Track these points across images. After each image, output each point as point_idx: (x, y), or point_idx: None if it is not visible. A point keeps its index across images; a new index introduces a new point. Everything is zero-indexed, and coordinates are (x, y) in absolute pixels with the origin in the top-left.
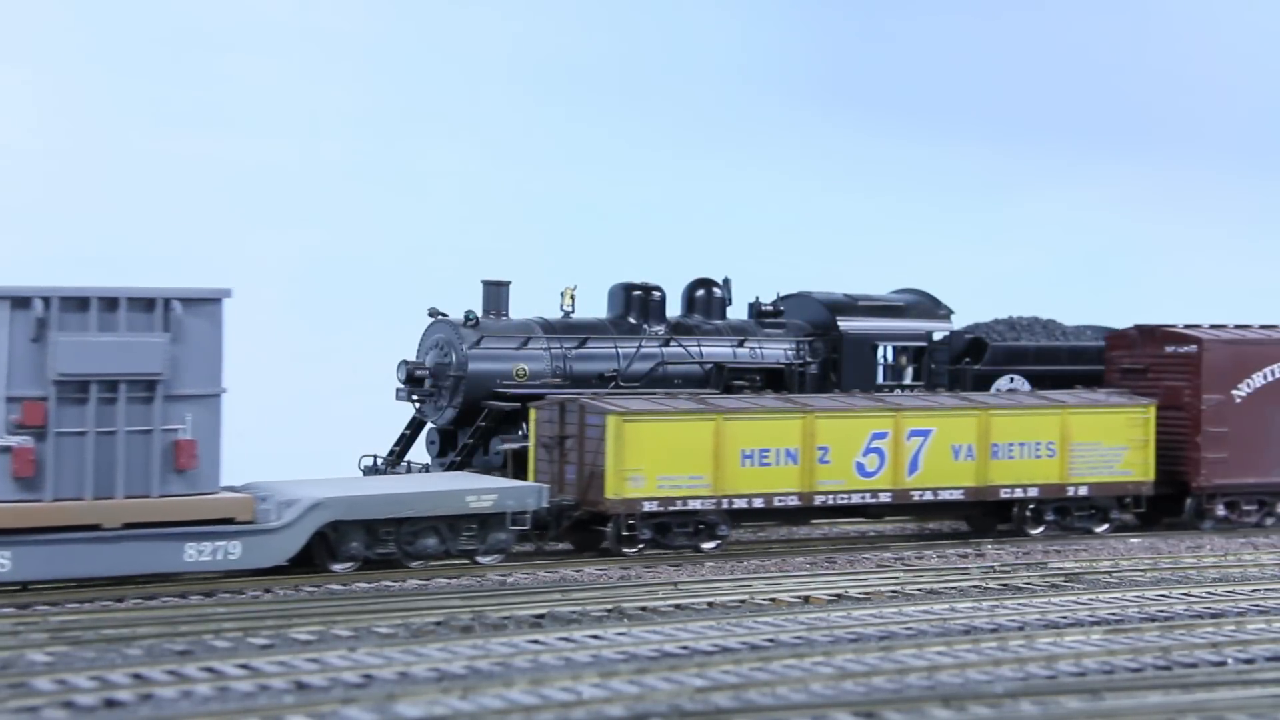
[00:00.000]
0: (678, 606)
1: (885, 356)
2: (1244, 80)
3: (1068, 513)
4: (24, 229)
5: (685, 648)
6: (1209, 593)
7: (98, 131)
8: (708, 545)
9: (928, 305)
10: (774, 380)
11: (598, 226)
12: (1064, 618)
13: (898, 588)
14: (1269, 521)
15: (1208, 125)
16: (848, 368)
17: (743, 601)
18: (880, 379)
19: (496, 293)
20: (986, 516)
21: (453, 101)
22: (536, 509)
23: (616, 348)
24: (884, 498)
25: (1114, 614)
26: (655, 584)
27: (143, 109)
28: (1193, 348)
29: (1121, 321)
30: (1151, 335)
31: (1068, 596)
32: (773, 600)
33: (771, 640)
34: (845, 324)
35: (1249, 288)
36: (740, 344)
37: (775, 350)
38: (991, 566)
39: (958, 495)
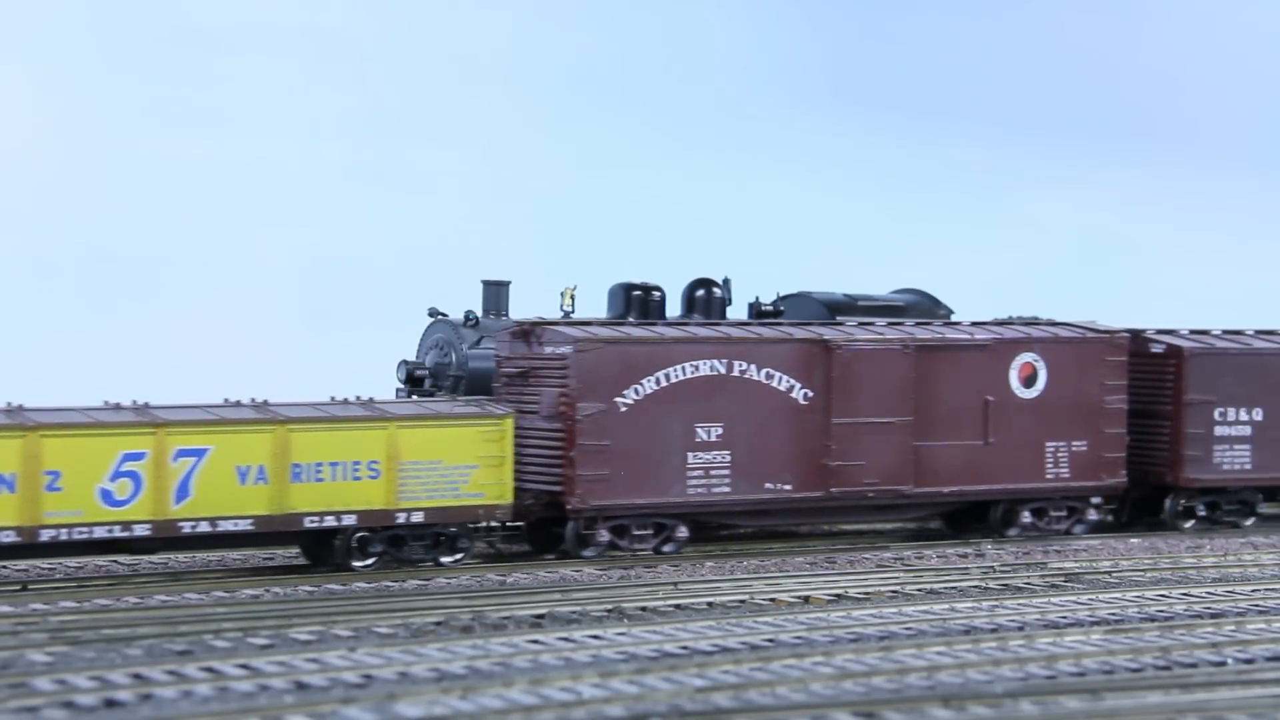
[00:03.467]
0: (678, 606)
1: None
2: (1243, 81)
3: (403, 542)
4: (24, 229)
5: (685, 648)
6: (1209, 593)
7: (97, 131)
8: None
9: (928, 305)
10: None
11: (598, 226)
12: (1064, 618)
13: (898, 588)
14: (668, 548)
15: (1207, 126)
16: None
17: (743, 601)
18: None
19: (496, 293)
20: (318, 546)
21: (453, 101)
22: None
23: None
24: (141, 530)
25: (1114, 614)
26: (655, 584)
27: (143, 109)
28: (567, 349)
29: (1121, 321)
30: (528, 334)
31: (1068, 596)
32: (773, 600)
33: (771, 640)
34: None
35: (1249, 288)
36: None
37: None
38: (991, 566)
39: (246, 525)
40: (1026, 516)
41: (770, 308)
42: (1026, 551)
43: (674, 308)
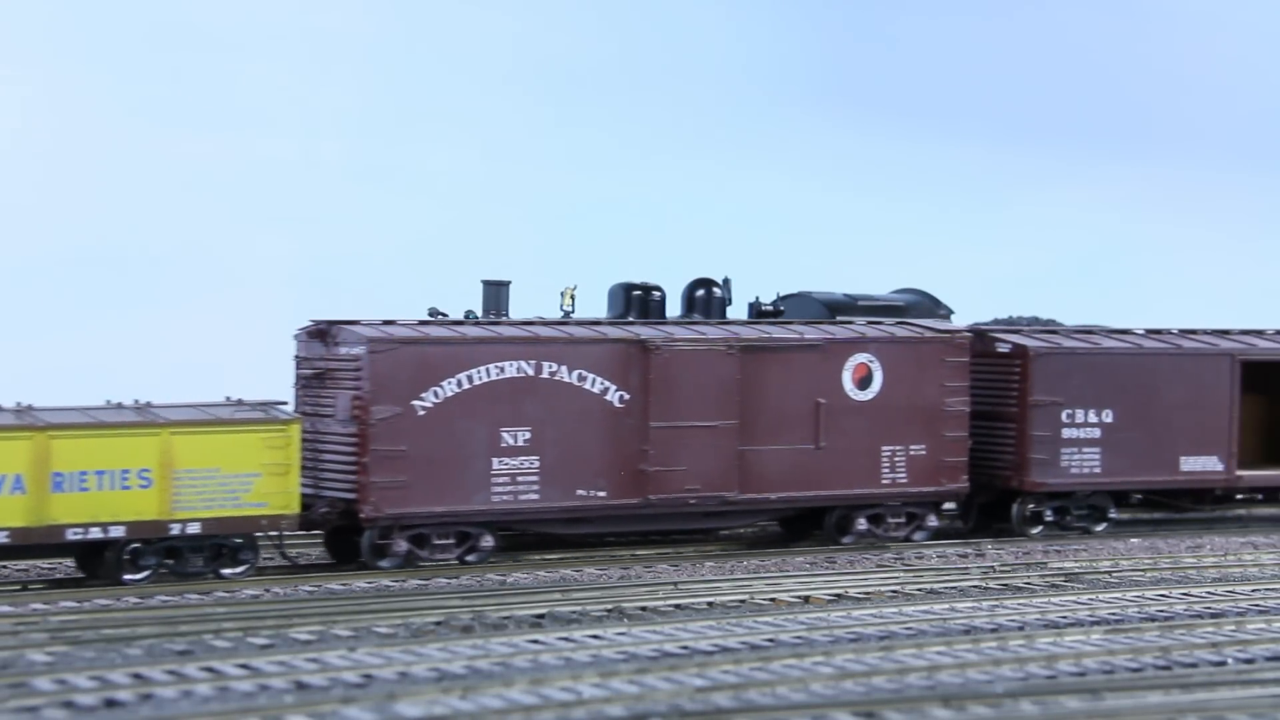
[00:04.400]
0: (678, 606)
1: None
2: (1244, 81)
3: (180, 555)
4: (24, 229)
5: (685, 648)
6: (1209, 593)
7: (97, 131)
8: None
9: (928, 305)
10: None
11: (598, 226)
12: (1064, 618)
13: (898, 588)
14: (472, 558)
15: (1207, 126)
16: None
17: (743, 601)
18: None
19: (496, 293)
20: (91, 559)
21: (452, 101)
22: None
23: None
24: None
25: (1114, 614)
26: (655, 584)
27: (142, 109)
28: (360, 349)
29: (1121, 321)
30: (325, 334)
31: (1068, 596)
32: (773, 600)
33: (771, 640)
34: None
35: (1249, 288)
36: None
37: None
38: (991, 566)
39: (1, 538)
40: (862, 523)
41: (770, 308)
42: (1026, 551)
43: (674, 308)
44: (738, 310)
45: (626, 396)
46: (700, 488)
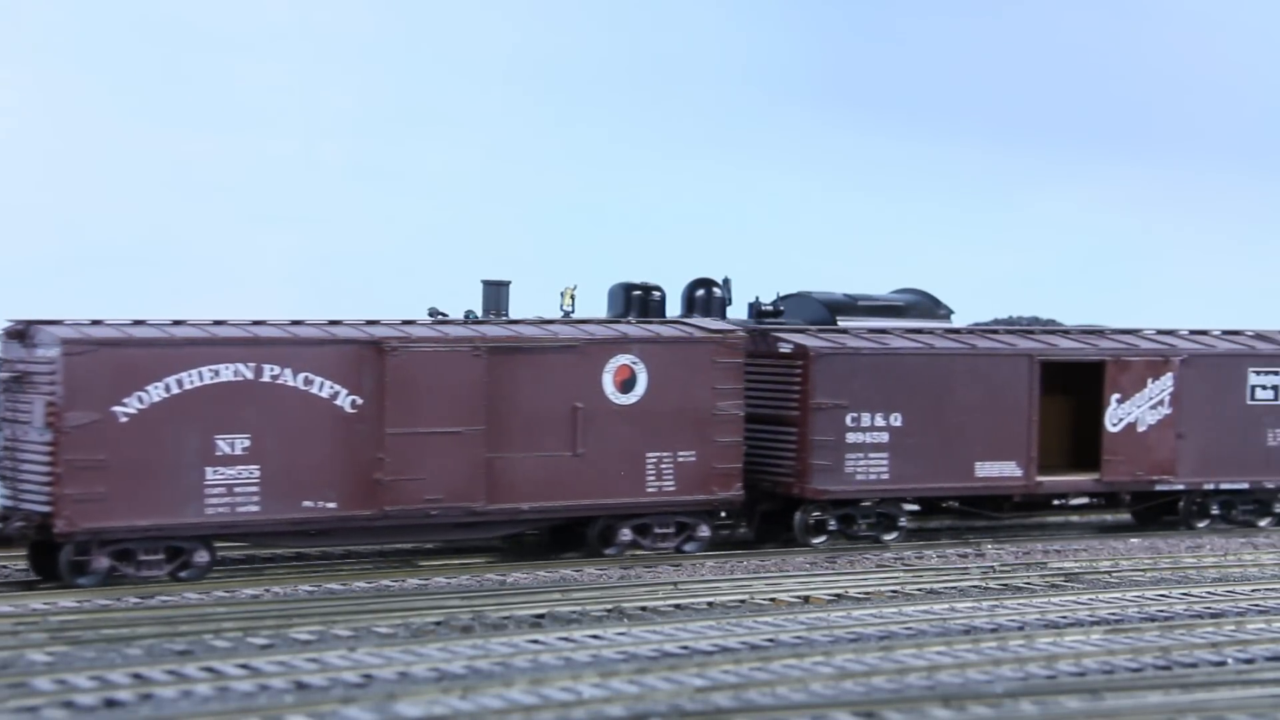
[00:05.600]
0: (678, 606)
1: None
2: (1244, 81)
3: None
4: (24, 229)
5: (685, 648)
6: (1209, 593)
7: (97, 131)
8: None
9: (928, 305)
10: None
11: (598, 226)
12: (1064, 618)
13: (898, 588)
14: (186, 574)
15: (1208, 126)
16: None
17: (743, 601)
18: None
19: (496, 293)
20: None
21: (452, 101)
22: None
23: None
24: None
25: (1114, 614)
26: (655, 584)
27: (142, 109)
28: (54, 351)
29: (1121, 321)
30: (23, 335)
31: (1068, 596)
32: (773, 600)
33: (771, 640)
34: (845, 324)
35: (1250, 288)
36: None
37: None
38: (991, 566)
39: None
40: (626, 534)
41: (770, 308)
42: (1026, 551)
43: (674, 308)
44: (738, 310)
45: (360, 401)
46: (443, 498)
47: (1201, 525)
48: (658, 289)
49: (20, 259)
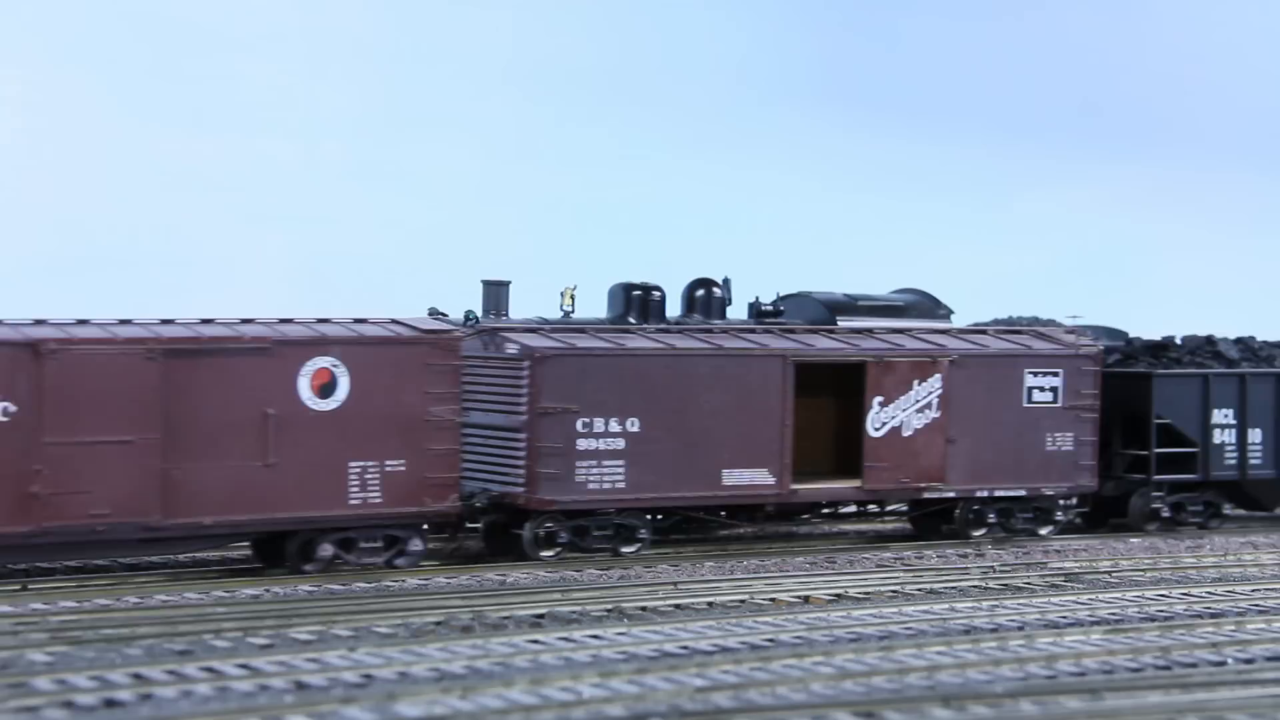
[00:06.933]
0: (678, 606)
1: None
2: (1244, 81)
3: None
4: (23, 229)
5: (685, 648)
6: (1209, 593)
7: (97, 131)
8: None
9: (928, 305)
10: None
11: (598, 226)
12: (1064, 618)
13: (898, 588)
14: None
15: (1207, 125)
16: None
17: (743, 601)
18: None
19: (496, 293)
20: None
21: (452, 101)
22: None
23: None
24: None
25: (1114, 614)
26: (655, 584)
27: (143, 109)
28: None
29: (1121, 321)
30: None
31: (1068, 596)
32: (773, 600)
33: (771, 640)
34: (845, 324)
35: (1250, 288)
36: None
37: None
38: (991, 566)
39: None
40: (327, 549)
41: (770, 308)
42: (1026, 551)
43: (674, 308)
44: (738, 310)
45: (13, 409)
46: (110, 513)
47: (978, 535)
48: (658, 289)
49: (20, 259)
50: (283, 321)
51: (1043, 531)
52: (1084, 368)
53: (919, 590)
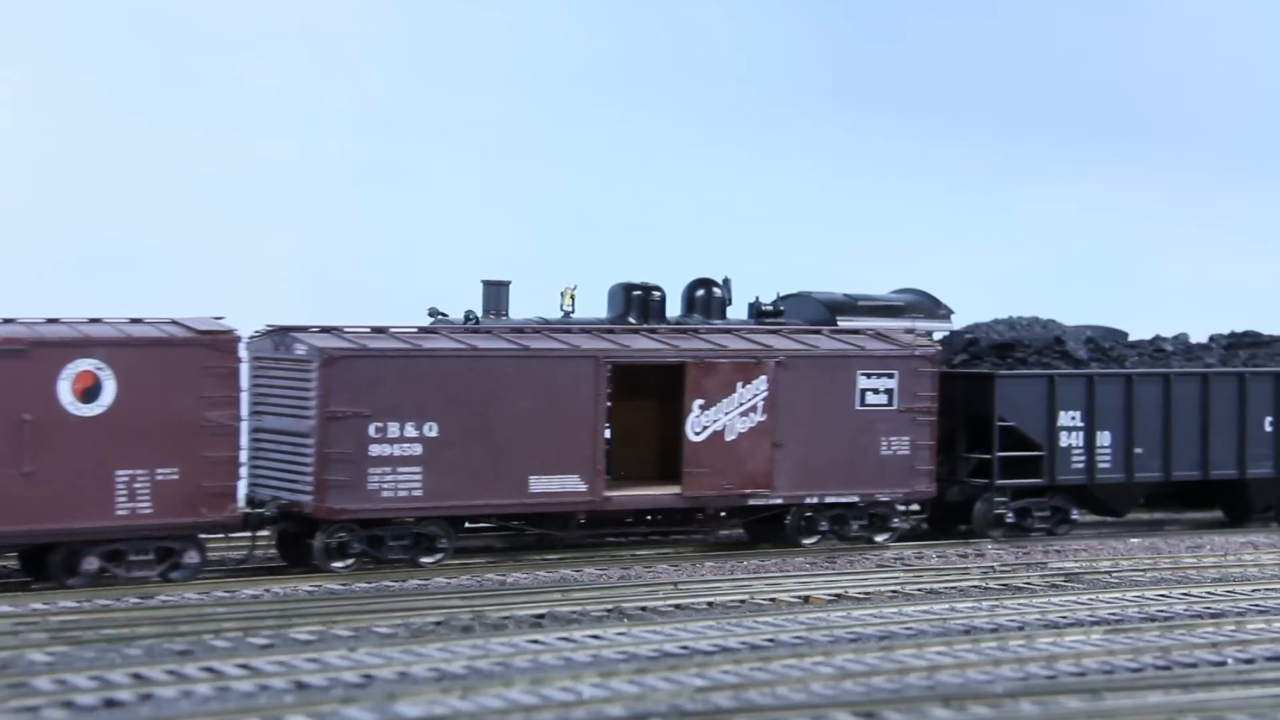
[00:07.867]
0: (678, 606)
1: None
2: (1244, 81)
3: None
4: (23, 229)
5: (685, 648)
6: (1209, 593)
7: (97, 131)
8: None
9: (928, 305)
10: None
11: (598, 226)
12: (1064, 618)
13: (898, 588)
14: None
15: (1207, 126)
16: None
17: (743, 601)
18: None
19: (496, 293)
20: None
21: (453, 101)
22: None
23: None
24: None
25: (1114, 614)
26: (655, 584)
27: (143, 109)
28: None
29: (1121, 322)
30: None
31: (1068, 596)
32: (773, 600)
33: (771, 640)
34: (845, 324)
35: (1249, 288)
36: None
37: None
38: (991, 566)
39: None
40: (93, 562)
41: (770, 308)
42: (1026, 551)
43: (674, 308)
44: (738, 310)
45: None
46: None
47: (810, 542)
48: (658, 289)
49: (20, 259)
50: (49, 321)
51: (879, 539)
52: (920, 369)
53: (919, 590)
